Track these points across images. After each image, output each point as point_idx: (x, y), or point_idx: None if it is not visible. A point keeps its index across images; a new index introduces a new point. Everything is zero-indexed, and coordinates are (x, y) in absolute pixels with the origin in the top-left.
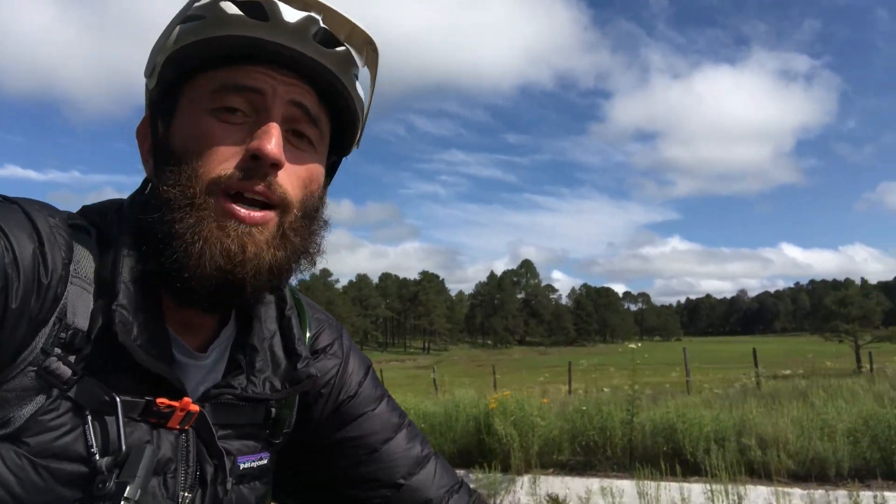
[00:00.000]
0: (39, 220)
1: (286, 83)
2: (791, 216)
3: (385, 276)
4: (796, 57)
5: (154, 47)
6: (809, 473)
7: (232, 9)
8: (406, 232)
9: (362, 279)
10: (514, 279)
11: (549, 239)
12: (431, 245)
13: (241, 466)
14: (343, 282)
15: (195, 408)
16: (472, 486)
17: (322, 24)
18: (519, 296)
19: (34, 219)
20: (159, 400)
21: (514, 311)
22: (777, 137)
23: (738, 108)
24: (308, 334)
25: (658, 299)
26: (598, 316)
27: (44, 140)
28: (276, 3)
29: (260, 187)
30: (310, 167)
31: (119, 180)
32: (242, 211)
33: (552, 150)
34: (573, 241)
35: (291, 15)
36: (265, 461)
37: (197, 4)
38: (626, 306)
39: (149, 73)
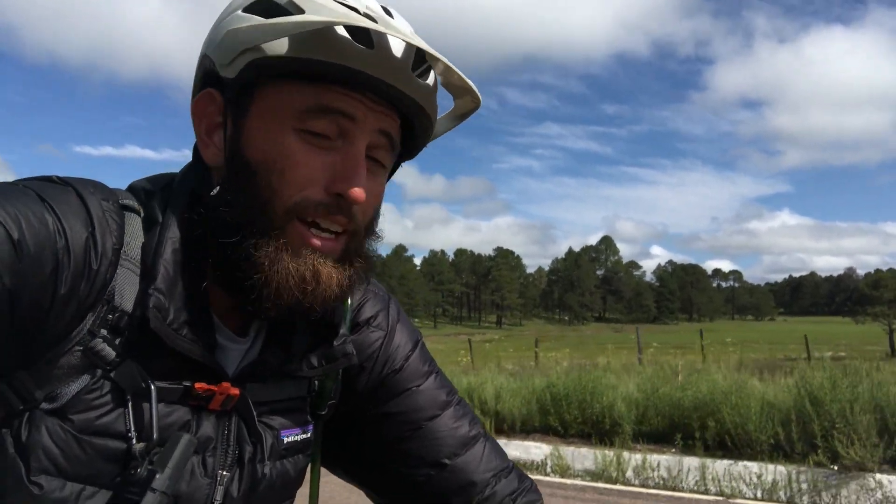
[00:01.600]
0: (93, 205)
1: (376, 111)
2: None
3: (460, 252)
4: None
5: (231, 32)
6: None
7: (340, 29)
8: (499, 206)
9: (435, 255)
10: (594, 255)
11: (647, 213)
12: (525, 220)
13: (285, 440)
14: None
15: (235, 391)
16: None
17: (421, 54)
18: (599, 272)
19: (88, 203)
20: (198, 385)
21: (590, 287)
22: None
23: (852, 72)
24: (349, 305)
25: (767, 276)
26: (682, 294)
27: (158, 122)
28: (382, 34)
29: (342, 220)
30: (380, 192)
31: None
32: (318, 241)
33: (651, 120)
34: (674, 215)
35: (397, 46)
36: (308, 434)
37: (298, 22)
38: (715, 284)
39: (225, 60)
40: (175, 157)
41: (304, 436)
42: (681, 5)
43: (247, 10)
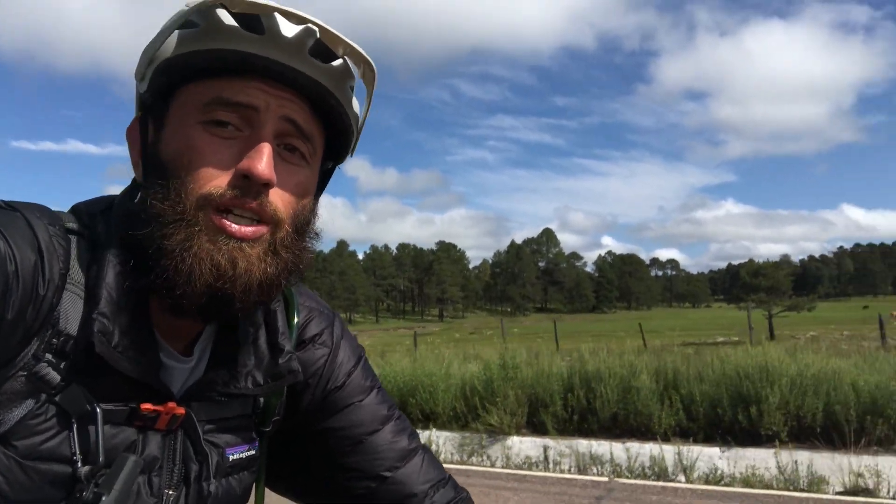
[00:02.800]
0: (40, 230)
1: (279, 98)
2: (852, 176)
3: (402, 247)
4: (855, 8)
5: (145, 51)
6: None
7: (228, 19)
8: (453, 199)
9: (377, 250)
10: (535, 247)
11: (599, 204)
12: (479, 212)
13: (230, 458)
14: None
15: (180, 410)
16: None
17: (318, 38)
18: (541, 264)
19: (35, 228)
20: (143, 406)
21: (532, 279)
22: (835, 94)
23: (791, 65)
24: (296, 320)
25: (713, 264)
26: (621, 283)
27: (101, 115)
28: (273, 17)
29: (252, 205)
30: (301, 181)
31: None
32: (234, 226)
33: (602, 111)
34: (624, 205)
35: (288, 29)
36: (253, 451)
37: (192, 11)
38: (655, 273)
39: (140, 77)
40: (118, 151)
41: (249, 453)
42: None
43: (164, 31)
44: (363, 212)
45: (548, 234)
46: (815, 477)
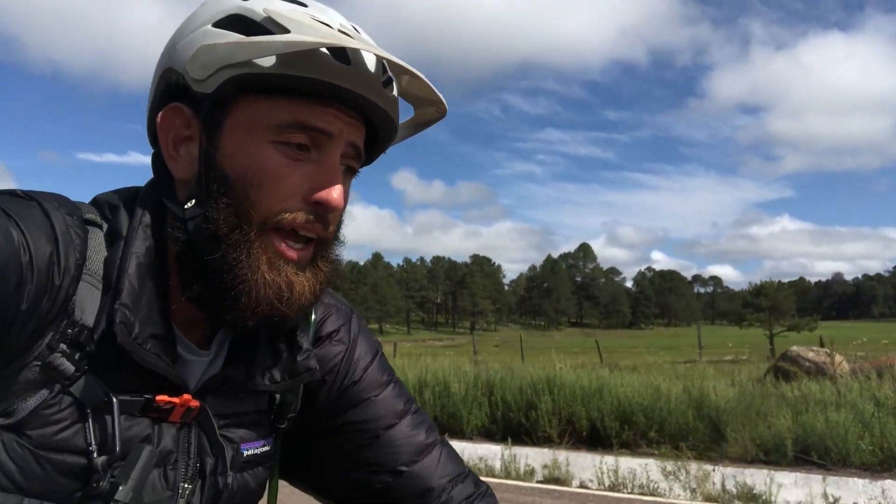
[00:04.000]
0: (57, 220)
1: (349, 124)
2: None
3: (437, 259)
4: None
5: (207, 48)
6: None
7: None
8: (499, 211)
9: (409, 263)
10: (571, 262)
11: (649, 219)
12: (526, 225)
13: (245, 453)
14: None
15: (195, 403)
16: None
17: (388, 71)
18: (577, 279)
19: (52, 218)
20: (159, 397)
21: (566, 293)
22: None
23: (850, 78)
24: (313, 317)
25: (757, 280)
26: (660, 300)
27: None
28: (357, 50)
29: (317, 229)
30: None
31: None
32: (292, 253)
33: (654, 125)
34: (676, 220)
35: (370, 61)
36: (268, 447)
37: (285, 42)
38: (696, 290)
39: (200, 76)
40: None
41: (264, 449)
42: (678, 13)
43: (217, 25)
44: (409, 224)
45: (585, 249)
46: (528, 468)
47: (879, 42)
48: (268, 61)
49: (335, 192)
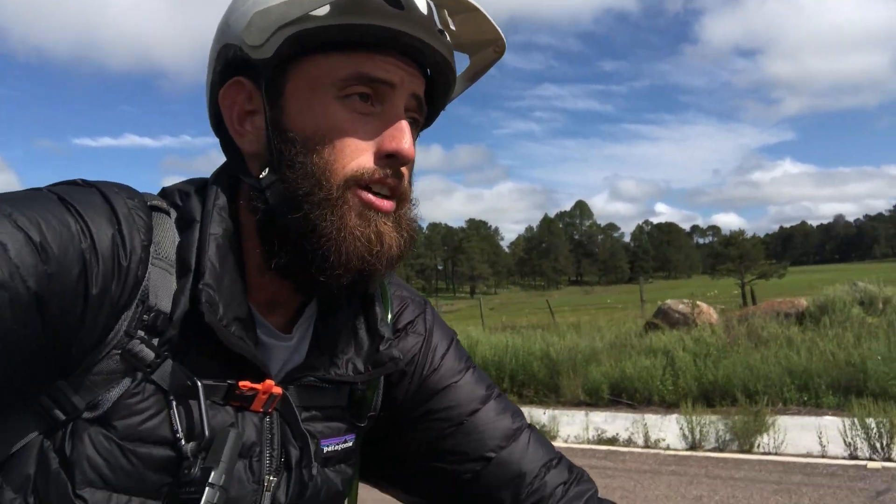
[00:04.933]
0: (118, 203)
1: (410, 74)
2: None
3: (433, 226)
4: None
5: (261, 13)
6: None
7: None
8: (500, 173)
9: None
10: (568, 220)
11: (651, 170)
12: (527, 184)
13: (326, 449)
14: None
15: (278, 390)
16: None
17: (444, 13)
18: (575, 237)
19: (112, 201)
20: (242, 383)
21: (564, 252)
22: (895, 42)
23: (845, 15)
24: (390, 312)
25: (771, 227)
26: (658, 253)
27: (153, 109)
28: None
29: (393, 182)
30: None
31: None
32: (380, 201)
33: (651, 74)
34: (678, 170)
35: (422, 4)
36: (350, 443)
37: None
38: (695, 241)
39: (257, 41)
40: (173, 143)
41: (345, 445)
42: None
43: None
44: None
45: (581, 206)
46: None
47: None
48: (322, 11)
49: (406, 142)
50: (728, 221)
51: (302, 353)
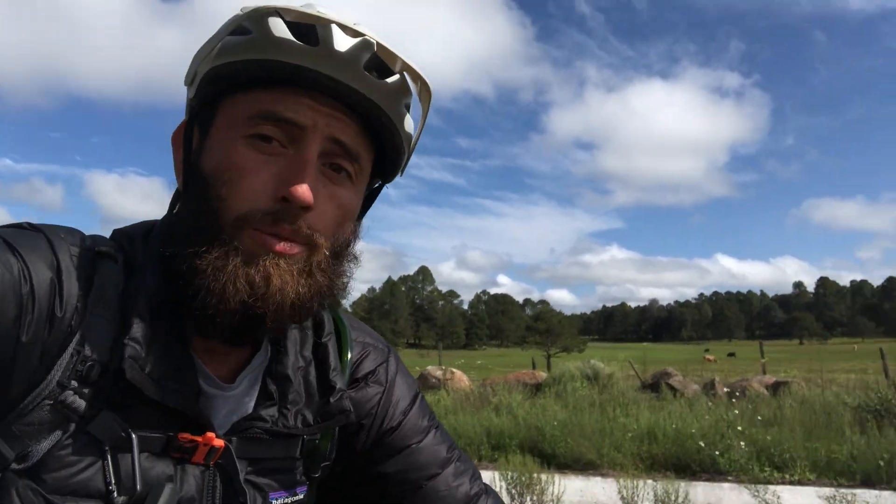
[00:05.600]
0: (61, 249)
1: (328, 116)
2: (726, 228)
3: None
4: (727, 74)
5: (196, 56)
6: None
7: (281, 29)
8: None
9: None
10: (411, 284)
11: (496, 243)
12: (378, 246)
13: (274, 503)
14: None
15: (220, 443)
16: None
17: (374, 53)
18: (417, 301)
19: (56, 248)
20: (181, 435)
21: (405, 314)
22: (710, 151)
23: (671, 122)
24: (349, 358)
25: (597, 305)
26: (492, 322)
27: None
28: (328, 28)
29: (286, 231)
30: (344, 203)
31: (52, 170)
32: (272, 241)
33: (502, 155)
34: (520, 245)
35: (343, 42)
36: (301, 496)
37: (244, 17)
38: (526, 312)
39: (189, 81)
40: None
41: (295, 498)
42: (522, 53)
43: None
44: None
45: (424, 272)
46: None
47: (695, 92)
48: (227, 50)
49: (301, 188)
50: (560, 297)
51: (250, 404)
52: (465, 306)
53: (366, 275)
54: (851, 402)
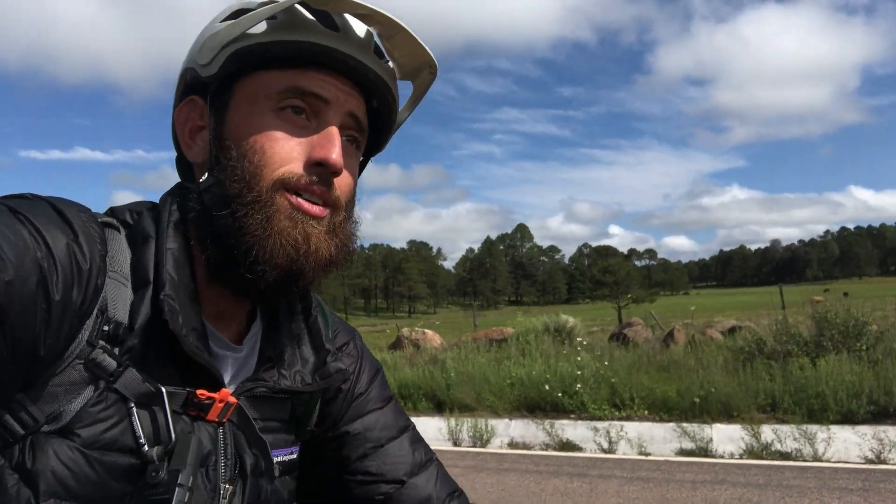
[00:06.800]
0: (71, 214)
1: (346, 93)
2: (860, 157)
3: (374, 247)
4: None
5: (212, 36)
6: None
7: (307, 14)
8: (458, 193)
9: None
10: (509, 242)
11: (605, 193)
12: (485, 205)
13: (275, 460)
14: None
15: (233, 399)
16: None
17: (387, 44)
18: (518, 258)
19: (66, 213)
20: (199, 391)
21: (504, 273)
22: (838, 75)
23: (790, 49)
24: (330, 332)
25: (717, 250)
26: (592, 274)
27: (105, 123)
28: (345, 17)
29: (321, 190)
30: (354, 171)
31: None
32: (309, 205)
33: (608, 101)
34: (631, 194)
35: (359, 28)
36: (295, 456)
37: (270, 6)
38: (633, 263)
39: (206, 60)
40: (126, 157)
41: (291, 457)
42: None
43: (223, 21)
44: (367, 210)
45: (521, 230)
46: None
47: (817, 12)
48: (260, 29)
49: (334, 152)
50: (679, 244)
51: (251, 367)
52: (567, 261)
53: (474, 234)
54: (732, 346)
